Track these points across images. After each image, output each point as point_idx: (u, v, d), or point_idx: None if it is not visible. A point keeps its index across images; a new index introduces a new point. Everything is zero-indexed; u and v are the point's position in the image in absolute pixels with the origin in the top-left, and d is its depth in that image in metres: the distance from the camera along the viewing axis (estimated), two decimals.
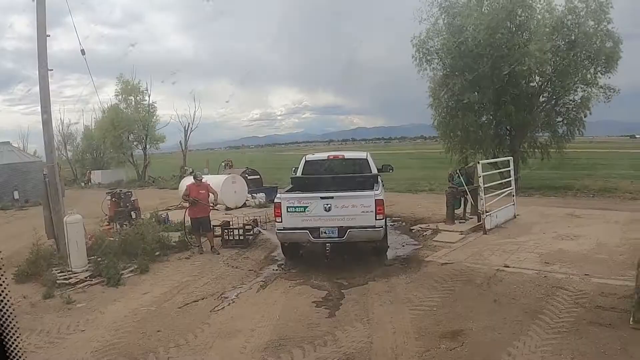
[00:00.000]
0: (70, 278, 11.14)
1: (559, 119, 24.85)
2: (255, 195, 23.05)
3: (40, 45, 12.61)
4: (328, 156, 14.51)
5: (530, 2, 23.26)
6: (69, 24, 20.92)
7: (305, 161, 14.25)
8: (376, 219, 10.84)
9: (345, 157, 14.48)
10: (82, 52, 13.89)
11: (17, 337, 2.16)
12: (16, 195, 31.48)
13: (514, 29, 23.27)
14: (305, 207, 11.07)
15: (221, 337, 7.70)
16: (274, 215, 11.70)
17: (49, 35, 12.76)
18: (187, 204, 13.93)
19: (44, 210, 13.06)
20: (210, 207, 14.16)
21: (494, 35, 22.34)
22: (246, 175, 25.02)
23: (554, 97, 24.48)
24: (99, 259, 11.83)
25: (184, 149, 45.94)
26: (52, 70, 12.89)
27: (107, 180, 45.03)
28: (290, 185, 13.30)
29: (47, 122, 13.09)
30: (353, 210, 10.89)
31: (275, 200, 11.54)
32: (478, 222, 14.59)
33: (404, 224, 16.60)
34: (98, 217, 17.04)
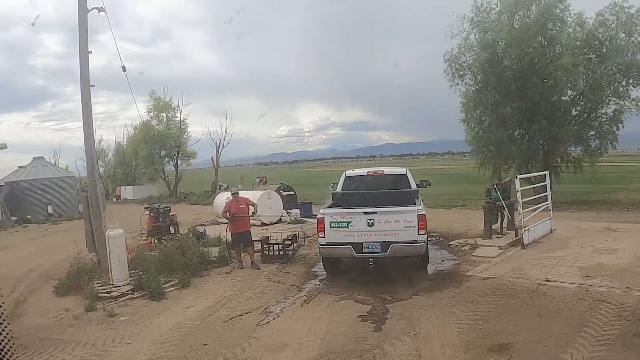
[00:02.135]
0: (112, 291, 11.23)
1: (592, 132, 24.60)
2: (290, 211, 23.17)
3: (83, 62, 12.91)
4: (367, 172, 14.62)
5: (562, 15, 23.24)
6: (98, 42, 21.53)
7: (345, 177, 14.37)
8: (419, 234, 10.89)
9: (385, 173, 14.51)
10: (123, 68, 14.34)
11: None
12: (50, 209, 32.17)
13: (546, 43, 23.30)
14: (348, 223, 11.13)
15: (269, 350, 7.72)
16: (316, 230, 11.79)
17: (91, 52, 13.09)
18: (225, 220, 14.09)
19: (85, 223, 13.24)
20: (252, 214, 14.14)
21: (526, 50, 22.33)
22: (281, 191, 25.14)
23: (587, 110, 24.31)
24: (141, 273, 11.88)
25: (215, 165, 46.14)
26: (93, 86, 13.24)
27: (138, 195, 45.68)
28: (331, 201, 13.39)
29: (88, 137, 13.41)
30: (396, 225, 10.94)
31: (318, 216, 11.63)
32: (515, 236, 14.50)
33: (441, 239, 16.54)
34: (134, 232, 17.06)
